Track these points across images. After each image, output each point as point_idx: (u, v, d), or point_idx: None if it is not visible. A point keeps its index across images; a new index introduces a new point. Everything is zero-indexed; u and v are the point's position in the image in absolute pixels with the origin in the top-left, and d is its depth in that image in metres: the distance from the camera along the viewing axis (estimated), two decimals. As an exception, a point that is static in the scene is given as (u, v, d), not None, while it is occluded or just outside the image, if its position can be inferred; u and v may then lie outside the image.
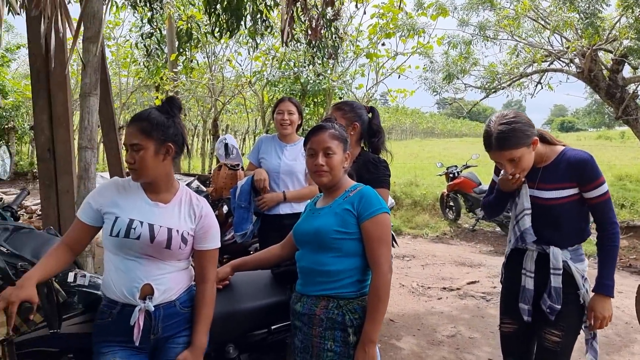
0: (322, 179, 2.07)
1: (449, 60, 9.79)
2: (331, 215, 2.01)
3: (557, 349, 2.22)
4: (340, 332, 1.95)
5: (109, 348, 1.90)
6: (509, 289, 2.44)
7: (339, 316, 1.96)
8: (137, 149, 1.87)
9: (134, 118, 1.91)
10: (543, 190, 2.21)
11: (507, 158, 2.14)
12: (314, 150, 2.07)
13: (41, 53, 3.60)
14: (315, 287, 2.02)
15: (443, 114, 69.67)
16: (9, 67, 16.90)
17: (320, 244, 2.00)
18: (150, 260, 1.91)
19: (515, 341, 2.44)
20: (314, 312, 1.99)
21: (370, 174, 2.58)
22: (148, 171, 1.90)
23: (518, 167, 2.15)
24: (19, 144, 15.88)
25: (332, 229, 1.97)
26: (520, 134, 2.10)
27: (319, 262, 2.00)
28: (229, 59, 9.89)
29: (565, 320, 2.21)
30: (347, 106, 2.76)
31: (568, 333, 2.22)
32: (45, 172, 3.81)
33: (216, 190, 4.06)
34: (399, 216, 9.62)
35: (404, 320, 4.56)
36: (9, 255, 1.89)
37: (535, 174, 2.23)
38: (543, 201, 2.21)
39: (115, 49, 12.12)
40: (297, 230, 2.15)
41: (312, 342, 1.98)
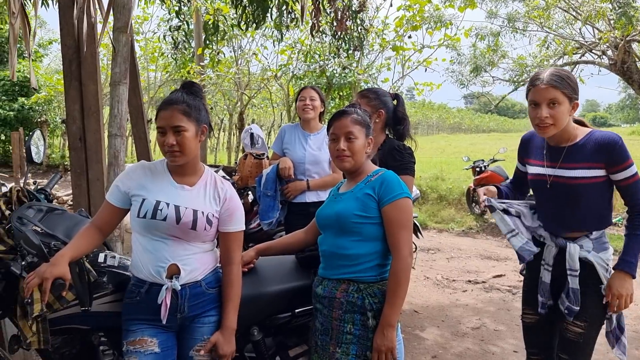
0: (344, 163, 2.08)
1: (477, 52, 9.69)
2: (352, 199, 2.03)
3: (579, 340, 2.17)
4: (360, 315, 1.97)
5: (137, 326, 1.95)
6: (530, 279, 2.40)
7: (358, 300, 1.97)
8: (179, 131, 1.89)
9: (170, 101, 1.93)
10: (566, 169, 2.14)
11: (550, 97, 2.04)
12: (336, 135, 2.08)
13: (73, 44, 3.69)
14: (336, 271, 2.04)
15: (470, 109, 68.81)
16: (41, 62, 17.34)
17: (341, 227, 2.01)
18: (176, 241, 1.95)
19: (537, 332, 2.40)
20: (335, 295, 2.01)
21: (395, 161, 2.58)
22: (189, 153, 1.93)
23: (551, 116, 2.06)
24: (51, 137, 16.28)
25: (353, 213, 1.99)
26: (570, 84, 2.06)
27: (340, 245, 2.02)
28: (255, 52, 9.95)
29: (588, 311, 2.16)
30: (372, 93, 2.76)
31: (591, 324, 2.16)
32: (77, 160, 3.91)
33: (242, 179, 4.11)
34: (425, 210, 9.56)
35: (428, 312, 4.55)
36: (43, 234, 1.96)
37: (559, 152, 2.17)
38: (565, 180, 2.14)
39: (143, 44, 12.31)
40: (320, 214, 2.17)
41: (331, 325, 2.00)
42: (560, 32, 9.44)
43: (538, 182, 2.25)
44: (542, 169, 2.23)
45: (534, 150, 2.31)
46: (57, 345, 2.11)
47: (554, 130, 2.10)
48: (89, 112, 3.79)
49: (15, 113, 13.71)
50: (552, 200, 2.20)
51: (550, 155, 2.20)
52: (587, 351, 2.20)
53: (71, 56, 3.76)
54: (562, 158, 2.16)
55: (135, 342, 1.93)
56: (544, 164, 2.22)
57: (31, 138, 2.28)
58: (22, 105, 13.85)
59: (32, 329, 1.90)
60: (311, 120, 3.53)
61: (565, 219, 2.20)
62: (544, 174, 2.21)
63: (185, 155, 1.92)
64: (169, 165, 2.02)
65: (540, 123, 2.08)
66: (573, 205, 2.15)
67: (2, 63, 14.30)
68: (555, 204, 2.20)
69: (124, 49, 3.26)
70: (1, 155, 15.04)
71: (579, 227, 2.18)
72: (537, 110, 2.08)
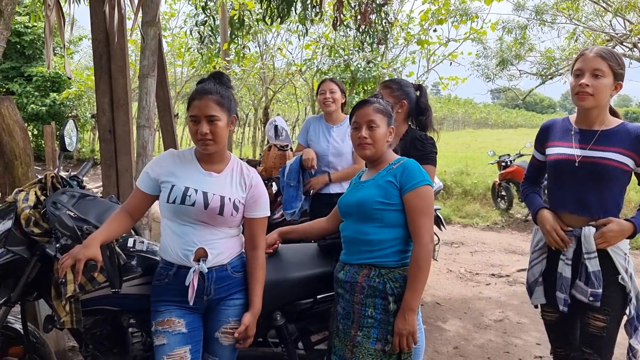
0: (365, 151, 2.12)
1: (503, 46, 9.56)
2: (374, 187, 2.07)
3: (602, 334, 2.14)
4: (381, 300, 2.00)
5: (165, 307, 2.03)
6: (548, 277, 2.35)
7: (380, 284, 2.01)
8: (213, 120, 1.94)
9: (204, 91, 1.97)
10: (598, 150, 2.12)
11: (596, 67, 2.05)
12: (358, 124, 2.12)
13: (103, 38, 3.79)
14: (357, 256, 2.08)
15: (497, 104, 67.82)
16: (72, 58, 17.72)
17: (363, 214, 2.05)
18: (203, 226, 2.02)
19: (559, 328, 2.38)
20: (356, 279, 2.05)
21: (416, 150, 2.60)
22: (221, 142, 1.99)
23: (593, 86, 2.06)
24: (81, 131, 16.64)
25: (375, 200, 2.02)
26: (619, 61, 2.08)
27: (362, 231, 2.06)
28: (280, 47, 10.02)
29: (609, 303, 2.13)
30: (394, 84, 2.78)
31: (613, 316, 2.14)
32: (107, 152, 4.02)
33: (266, 170, 4.17)
34: (449, 205, 9.52)
35: (451, 304, 4.55)
36: (76, 219, 2.04)
37: (591, 135, 2.16)
38: (593, 159, 2.12)
39: (170, 40, 12.49)
40: (342, 202, 2.21)
41: (353, 309, 2.04)
42: (589, 24, 9.25)
43: (563, 162, 2.21)
44: (569, 149, 2.20)
45: (558, 134, 2.29)
46: (88, 325, 2.20)
47: (592, 102, 2.09)
48: (119, 105, 3.89)
49: (47, 108, 14.05)
50: (578, 180, 2.16)
51: (581, 137, 2.19)
52: (611, 343, 2.18)
53: (101, 50, 3.87)
54: (594, 141, 2.14)
55: (163, 322, 2.00)
56: (572, 145, 2.20)
57: (64, 128, 2.37)
58: (54, 100, 14.20)
59: (65, 309, 1.99)
60: (333, 112, 3.58)
61: (587, 201, 2.16)
62: (572, 154, 2.18)
63: (216, 144, 1.98)
64: (197, 153, 2.08)
65: (580, 91, 2.09)
66: (598, 187, 2.13)
67: (35, 60, 14.67)
68: (580, 185, 2.16)
69: (152, 42, 3.34)
70: (34, 149, 15.46)
71: (598, 210, 2.15)
72: (579, 79, 2.09)
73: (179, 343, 1.98)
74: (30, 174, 2.92)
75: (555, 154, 2.25)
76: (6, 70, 14.33)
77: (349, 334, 2.04)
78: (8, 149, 2.84)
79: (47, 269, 2.04)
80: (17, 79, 14.37)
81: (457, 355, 3.59)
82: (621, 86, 2.11)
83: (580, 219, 2.18)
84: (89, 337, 2.23)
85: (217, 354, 2.08)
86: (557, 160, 2.24)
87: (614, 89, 2.10)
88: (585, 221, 2.16)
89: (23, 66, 14.48)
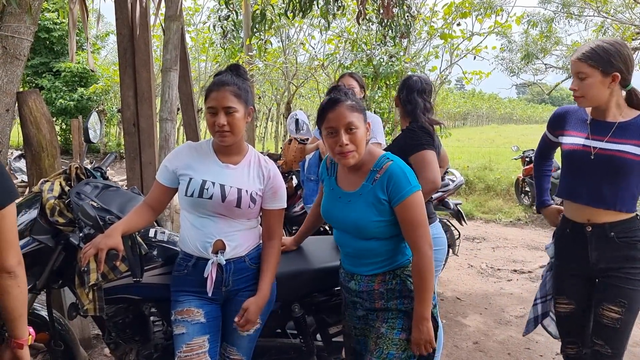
0: (348, 160, 1.89)
1: (529, 39, 9.40)
2: (365, 205, 1.91)
3: (616, 325, 2.11)
4: (402, 298, 1.97)
5: (185, 297, 2.06)
6: (562, 267, 2.35)
7: (398, 285, 1.97)
8: (231, 112, 1.95)
9: (221, 82, 1.98)
10: (615, 143, 2.10)
11: (578, 70, 2.10)
12: (334, 129, 1.88)
13: (128, 32, 3.85)
14: (367, 268, 2.00)
15: (522, 99, 66.79)
16: (99, 54, 18.01)
17: (362, 234, 1.94)
18: (222, 219, 2.04)
19: (573, 320, 2.35)
20: (372, 287, 1.99)
21: (409, 140, 2.59)
22: (238, 133, 2.00)
23: (580, 88, 2.10)
24: (108, 125, 16.92)
25: (371, 221, 1.90)
26: (603, 56, 2.05)
27: (366, 247, 1.97)
28: (303, 42, 10.03)
29: (626, 296, 2.10)
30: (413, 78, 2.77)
31: (629, 309, 2.11)
32: (131, 145, 4.10)
33: (286, 163, 4.19)
34: (472, 201, 9.43)
35: (471, 299, 4.52)
36: (99, 209, 2.09)
37: (608, 128, 2.13)
38: (610, 152, 2.09)
39: (194, 35, 12.60)
40: (332, 216, 2.05)
41: (375, 306, 2.02)
42: (618, 16, 9.03)
43: (579, 153, 2.18)
44: (585, 140, 2.17)
45: (572, 123, 2.27)
46: (111, 313, 2.25)
47: (585, 102, 2.13)
48: (142, 98, 3.96)
49: (75, 103, 14.33)
50: (593, 172, 2.14)
51: (596, 128, 2.17)
52: (624, 337, 2.15)
53: (126, 44, 3.93)
54: (611, 133, 2.12)
55: (183, 312, 2.04)
56: (588, 135, 2.17)
57: (89, 119, 2.42)
58: (82, 95, 14.47)
59: (88, 297, 2.04)
60: None
61: (603, 193, 2.13)
62: (588, 145, 2.15)
63: (234, 136, 1.99)
64: (214, 145, 2.10)
65: (574, 95, 2.14)
66: (614, 180, 2.10)
67: (63, 55, 14.95)
68: (595, 177, 2.14)
69: (174, 36, 3.39)
70: (62, 143, 15.77)
71: (614, 202, 2.11)
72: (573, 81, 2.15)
73: (197, 332, 2.01)
74: (56, 165, 2.99)
75: (570, 143, 2.23)
76: (36, 65, 14.65)
77: (372, 327, 2.03)
78: (35, 141, 2.92)
79: (71, 258, 2.09)
80: (46, 75, 14.68)
81: (477, 350, 3.57)
82: (618, 77, 2.07)
83: (595, 210, 2.16)
84: (112, 324, 2.28)
85: (235, 343, 2.11)
86: (573, 151, 2.21)
87: (611, 81, 2.07)
88: (600, 213, 2.14)
89: (52, 62, 14.78)
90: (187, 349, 1.98)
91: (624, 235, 2.12)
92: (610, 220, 2.13)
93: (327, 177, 2.14)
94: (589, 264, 2.19)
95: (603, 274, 2.18)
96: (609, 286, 2.15)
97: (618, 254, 2.13)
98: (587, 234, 2.18)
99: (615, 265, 2.14)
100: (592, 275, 2.23)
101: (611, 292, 2.13)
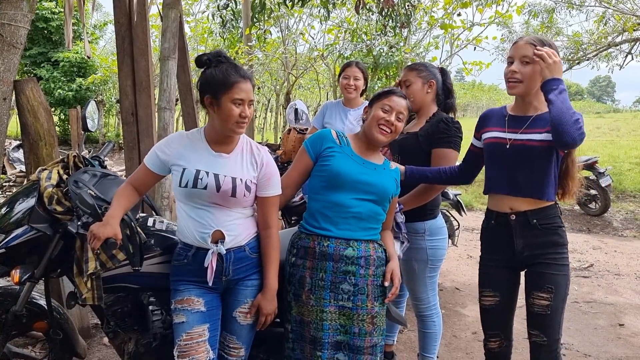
0: (385, 137, 2.20)
1: (530, 30, 9.35)
2: (389, 177, 2.23)
3: (547, 312, 2.14)
4: (383, 267, 2.19)
5: (185, 286, 2.05)
6: (489, 258, 2.35)
7: (383, 253, 2.20)
8: (250, 104, 1.99)
9: (245, 75, 1.98)
10: (526, 134, 2.19)
11: (524, 54, 2.13)
12: (390, 108, 2.19)
13: (126, 21, 3.82)
14: (366, 232, 2.16)
15: (523, 91, 66.40)
16: (97, 43, 17.93)
17: (379, 196, 2.16)
18: (217, 208, 2.02)
19: (498, 313, 2.33)
20: (369, 253, 2.14)
21: (440, 133, 2.58)
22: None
23: (521, 72, 2.15)
24: (106, 116, 16.91)
25: (392, 193, 2.22)
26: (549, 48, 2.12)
27: (377, 212, 2.18)
28: (302, 32, 9.98)
29: (552, 281, 2.14)
30: (421, 66, 2.75)
31: (557, 294, 2.14)
32: (129, 134, 4.08)
33: (285, 153, 4.18)
34: (471, 192, 9.43)
35: (470, 290, 4.53)
36: (96, 198, 2.06)
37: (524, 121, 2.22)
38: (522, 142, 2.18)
39: (193, 25, 12.53)
40: (355, 177, 2.14)
41: (367, 282, 2.10)
42: (620, 6, 8.97)
43: (495, 145, 2.27)
44: (502, 133, 2.26)
45: (494, 120, 2.35)
46: (110, 302, 2.25)
47: (522, 88, 2.18)
48: (141, 88, 3.93)
49: (73, 93, 14.31)
50: (509, 162, 2.22)
51: (513, 122, 2.25)
52: (556, 323, 2.17)
53: (124, 33, 3.90)
54: (526, 125, 2.20)
55: (182, 301, 2.03)
56: (505, 129, 2.26)
57: (86, 108, 2.39)
58: (80, 85, 14.44)
59: (87, 286, 2.04)
60: (352, 99, 3.60)
61: (519, 182, 2.20)
62: (504, 137, 2.24)
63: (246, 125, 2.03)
64: (207, 133, 2.07)
65: (509, 78, 2.19)
66: (527, 167, 2.18)
67: (62, 45, 14.89)
68: (511, 167, 2.21)
69: (172, 24, 3.36)
70: (61, 134, 15.75)
71: (529, 190, 2.18)
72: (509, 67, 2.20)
73: (197, 321, 2.01)
74: (54, 154, 2.98)
75: (489, 137, 2.32)
76: (34, 55, 14.60)
77: (365, 308, 2.09)
78: (33, 130, 2.90)
79: (69, 247, 2.08)
80: (45, 65, 14.64)
81: (476, 340, 3.58)
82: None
83: (515, 199, 2.22)
84: (111, 314, 2.27)
85: (235, 333, 2.11)
86: (490, 144, 2.30)
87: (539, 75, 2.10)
88: (520, 201, 2.21)
89: (50, 52, 14.74)
90: (187, 337, 1.98)
91: (545, 222, 2.19)
92: (531, 208, 2.19)
93: (339, 146, 2.23)
94: (515, 253, 2.23)
95: (529, 262, 2.22)
96: (536, 274, 2.20)
97: (541, 240, 2.18)
98: (511, 222, 2.23)
99: (539, 251, 2.19)
100: (517, 265, 2.26)
101: (538, 279, 2.18)
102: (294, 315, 2.15)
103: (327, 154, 2.19)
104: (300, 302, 2.13)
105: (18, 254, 2.07)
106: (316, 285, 2.11)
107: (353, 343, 2.10)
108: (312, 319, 2.10)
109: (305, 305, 2.12)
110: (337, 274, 2.11)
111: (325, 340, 2.08)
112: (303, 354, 2.13)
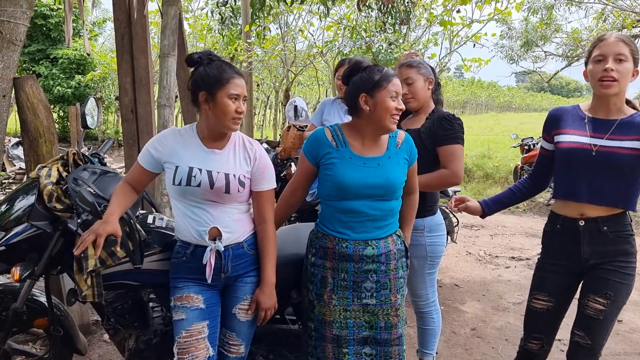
0: (393, 126, 2.07)
1: (529, 27, 9.35)
2: (396, 165, 2.12)
3: (599, 317, 2.08)
4: (405, 258, 2.21)
5: (184, 283, 2.05)
6: (550, 263, 2.27)
7: (402, 245, 2.19)
8: (245, 100, 2.01)
9: (238, 71, 2.01)
10: (615, 140, 2.07)
11: (619, 51, 2.01)
12: (396, 93, 2.05)
13: (125, 18, 3.82)
14: (382, 230, 2.12)
15: (522, 87, 66.52)
16: (96, 40, 17.89)
17: (389, 192, 2.09)
18: (213, 205, 2.02)
19: (547, 318, 2.28)
20: (389, 248, 2.12)
21: (444, 130, 2.57)
22: None
23: (617, 71, 2.01)
24: (106, 113, 16.89)
25: (402, 179, 2.13)
26: (635, 47, 2.05)
27: (389, 208, 2.12)
28: (302, 29, 9.96)
29: (612, 287, 2.08)
30: (418, 63, 2.74)
31: (614, 302, 2.08)
32: (129, 131, 4.08)
33: (285, 150, 4.19)
34: (470, 188, 9.44)
35: (469, 286, 4.54)
36: (95, 195, 2.07)
37: (608, 125, 2.10)
38: (611, 149, 2.05)
39: (192, 22, 12.51)
40: (358, 183, 2.05)
41: (389, 277, 2.11)
42: (619, 3, 8.95)
43: (578, 151, 2.12)
44: (584, 138, 2.12)
45: (569, 121, 2.21)
46: (110, 299, 2.25)
47: (617, 88, 2.04)
48: (140, 85, 3.93)
49: (72, 90, 14.27)
50: (594, 170, 2.09)
51: (595, 126, 2.12)
52: (605, 330, 2.11)
53: (123, 30, 3.90)
54: (612, 130, 2.08)
55: (182, 298, 2.04)
56: (587, 133, 2.13)
57: (85, 105, 2.40)
58: (79, 82, 14.40)
59: (87, 283, 2.04)
60: None
61: (604, 191, 2.09)
62: (588, 143, 2.10)
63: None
64: (199, 130, 2.07)
65: (604, 76, 2.03)
66: (615, 176, 2.07)
67: (60, 42, 14.85)
68: (596, 175, 2.09)
69: (172, 21, 3.36)
70: (60, 131, 15.72)
71: (615, 200, 2.09)
72: (602, 65, 2.03)
73: (197, 318, 2.01)
74: (54, 151, 2.98)
75: (568, 142, 2.16)
76: (33, 52, 14.56)
77: (389, 302, 2.11)
78: (32, 127, 2.90)
79: (69, 244, 2.09)
80: (43, 62, 14.60)
81: (475, 336, 3.59)
82: (638, 72, 2.06)
83: (598, 208, 2.11)
84: (111, 310, 2.28)
85: (235, 329, 2.11)
86: (571, 149, 2.15)
87: (632, 75, 2.05)
88: (594, 208, 2.11)
89: (49, 49, 14.69)
90: (186, 334, 1.98)
91: (616, 230, 2.10)
92: (603, 215, 2.10)
93: (336, 150, 2.11)
94: (580, 259, 2.15)
95: (592, 269, 2.15)
96: (597, 278, 2.12)
97: (610, 248, 2.10)
98: (580, 228, 2.14)
99: (606, 259, 2.11)
100: (580, 271, 2.18)
101: (599, 283, 2.10)
102: (316, 314, 2.14)
103: (326, 162, 2.10)
104: (322, 302, 2.12)
105: (18, 251, 2.08)
106: (338, 286, 2.10)
107: (380, 337, 2.11)
108: (335, 319, 2.09)
109: (327, 305, 2.10)
110: (359, 274, 2.09)
111: (350, 337, 2.09)
112: (324, 354, 2.12)
